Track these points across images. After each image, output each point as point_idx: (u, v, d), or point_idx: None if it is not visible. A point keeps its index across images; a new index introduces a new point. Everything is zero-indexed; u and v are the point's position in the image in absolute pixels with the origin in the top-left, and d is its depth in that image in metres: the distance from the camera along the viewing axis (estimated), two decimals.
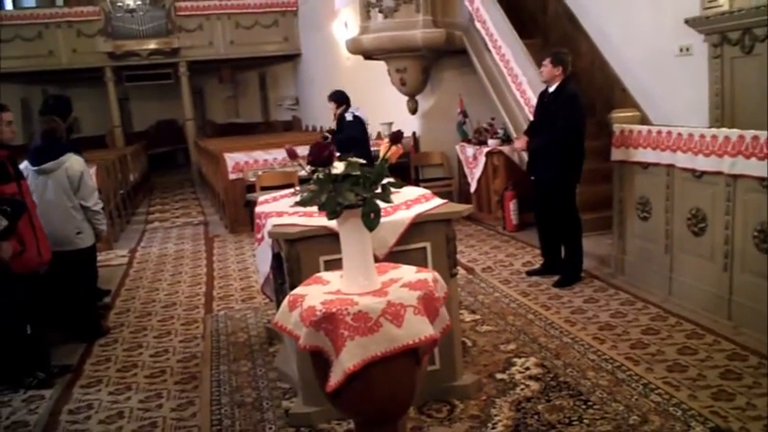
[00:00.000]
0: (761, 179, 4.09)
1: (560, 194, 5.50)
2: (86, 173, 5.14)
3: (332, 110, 7.46)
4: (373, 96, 11.14)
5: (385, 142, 2.72)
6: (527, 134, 5.82)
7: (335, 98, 7.45)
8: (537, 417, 3.38)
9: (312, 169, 2.56)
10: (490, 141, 8.07)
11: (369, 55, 9.16)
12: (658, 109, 6.65)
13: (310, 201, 2.56)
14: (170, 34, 15.99)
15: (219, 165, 9.43)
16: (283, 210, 3.83)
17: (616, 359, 3.99)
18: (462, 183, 9.03)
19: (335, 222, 2.58)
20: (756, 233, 4.16)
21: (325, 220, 2.85)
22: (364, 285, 2.53)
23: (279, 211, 3.81)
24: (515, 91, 7.29)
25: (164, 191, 15.12)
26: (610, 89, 7.45)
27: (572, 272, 5.57)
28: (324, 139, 7.37)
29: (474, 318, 4.94)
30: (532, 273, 5.90)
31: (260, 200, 4.42)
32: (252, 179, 8.61)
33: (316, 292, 2.58)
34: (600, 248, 6.15)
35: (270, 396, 3.87)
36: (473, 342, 4.46)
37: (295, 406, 3.63)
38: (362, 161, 2.55)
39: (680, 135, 4.77)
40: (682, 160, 4.75)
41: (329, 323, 2.38)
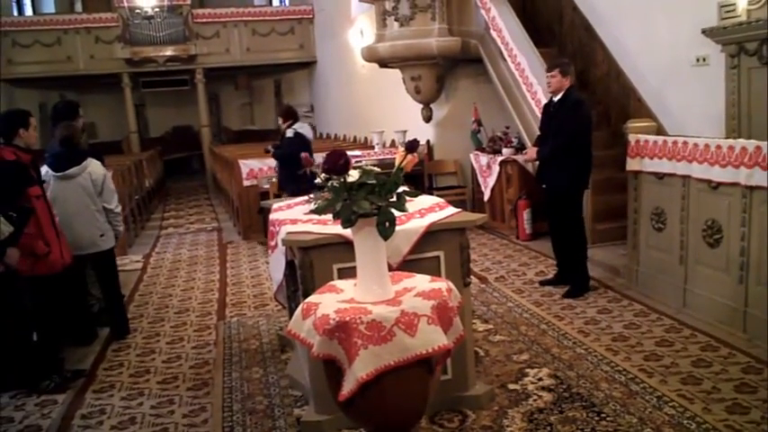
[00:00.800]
0: None
1: (569, 201, 5.50)
2: (108, 176, 5.28)
3: (280, 124, 7.61)
4: (388, 104, 11.19)
5: (400, 151, 2.72)
6: (536, 146, 5.82)
7: (282, 113, 7.65)
8: (549, 428, 3.36)
9: (326, 177, 2.56)
10: (504, 150, 8.06)
11: (384, 63, 9.20)
12: (674, 119, 6.61)
13: (325, 209, 2.56)
14: (187, 41, 16.11)
15: (234, 171, 9.48)
16: (297, 217, 3.84)
17: (629, 371, 3.96)
18: (476, 191, 9.02)
19: (349, 230, 2.58)
20: None
21: (338, 228, 2.86)
22: (378, 294, 2.54)
23: (293, 219, 3.82)
24: (530, 100, 7.28)
25: (178, 197, 15.20)
26: (625, 99, 7.42)
27: (580, 282, 5.55)
28: (266, 152, 7.75)
29: (487, 327, 4.92)
30: (546, 282, 5.88)
31: (274, 207, 4.44)
32: (266, 186, 8.66)
33: (329, 301, 2.59)
34: (614, 259, 6.12)
35: (281, 404, 3.87)
36: (485, 352, 4.44)
37: (306, 414, 3.63)
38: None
39: (696, 145, 4.74)
40: (698, 171, 4.73)
41: (343, 332, 2.38)
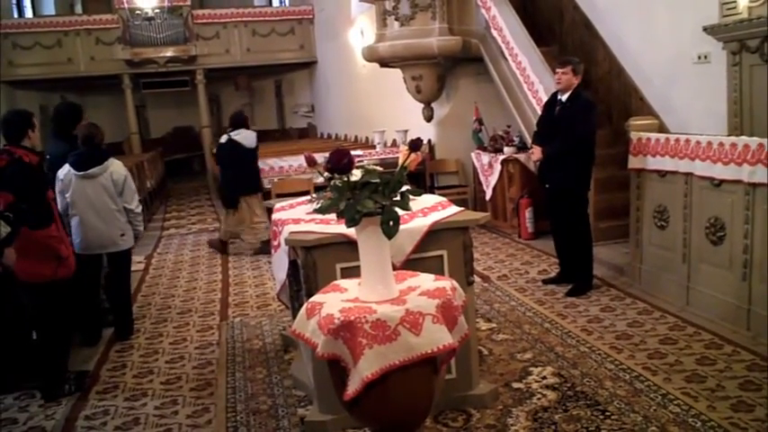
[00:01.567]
0: None
1: (574, 201, 5.49)
2: (129, 177, 5.28)
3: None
4: (389, 104, 11.18)
5: (404, 150, 2.72)
6: (536, 144, 5.79)
7: (229, 119, 8.03)
8: (554, 427, 3.36)
9: (329, 176, 2.56)
10: (506, 149, 8.06)
11: (385, 62, 9.19)
12: (676, 117, 6.60)
13: (329, 208, 2.56)
14: (187, 42, 16.12)
15: None
16: (300, 217, 3.84)
17: (634, 369, 3.95)
18: (477, 190, 9.01)
19: (352, 230, 2.57)
20: None
21: (341, 228, 2.85)
22: (382, 293, 2.53)
23: (295, 219, 3.82)
24: (531, 99, 7.28)
25: (180, 198, 15.18)
26: (627, 97, 7.41)
27: (584, 280, 5.54)
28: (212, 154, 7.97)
29: (490, 326, 4.91)
30: (548, 281, 5.87)
31: (276, 207, 4.44)
32: (267, 186, 8.65)
33: (334, 300, 2.58)
34: (616, 257, 6.12)
35: (285, 404, 3.86)
36: (489, 351, 4.43)
37: (310, 414, 3.62)
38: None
39: (698, 143, 4.74)
40: (700, 168, 4.72)
41: (347, 331, 2.38)
